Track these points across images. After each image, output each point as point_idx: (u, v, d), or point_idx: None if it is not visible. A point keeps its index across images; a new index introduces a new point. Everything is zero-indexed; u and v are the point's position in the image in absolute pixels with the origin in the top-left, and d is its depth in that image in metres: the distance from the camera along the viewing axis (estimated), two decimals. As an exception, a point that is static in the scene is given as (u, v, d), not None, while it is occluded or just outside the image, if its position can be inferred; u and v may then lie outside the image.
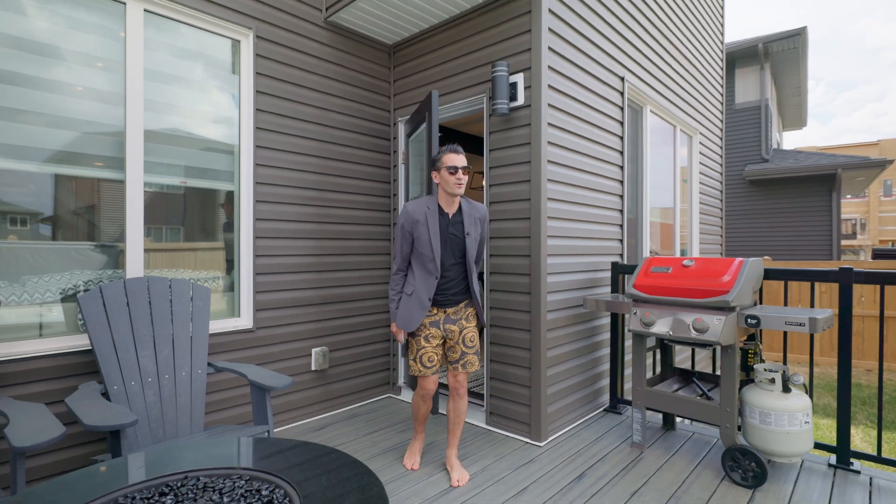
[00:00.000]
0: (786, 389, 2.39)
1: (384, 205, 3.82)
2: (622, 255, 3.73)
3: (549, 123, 2.93)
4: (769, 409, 2.35)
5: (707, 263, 2.57)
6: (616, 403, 3.41)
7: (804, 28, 10.04)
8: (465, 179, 2.31)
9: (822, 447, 2.61)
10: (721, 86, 6.24)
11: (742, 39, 10.79)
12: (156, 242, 2.71)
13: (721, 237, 6.33)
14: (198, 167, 2.85)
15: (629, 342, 3.75)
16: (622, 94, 3.72)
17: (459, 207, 2.41)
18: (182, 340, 2.41)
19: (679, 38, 4.84)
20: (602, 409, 3.46)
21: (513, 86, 2.94)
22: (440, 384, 3.73)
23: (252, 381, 2.21)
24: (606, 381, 3.57)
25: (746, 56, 10.91)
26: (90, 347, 2.39)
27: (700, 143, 5.48)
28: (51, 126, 2.33)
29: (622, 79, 3.72)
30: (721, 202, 6.30)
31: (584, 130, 3.28)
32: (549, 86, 2.93)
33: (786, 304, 2.75)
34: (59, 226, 2.39)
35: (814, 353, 7.05)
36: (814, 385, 6.28)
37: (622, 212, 3.74)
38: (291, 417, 3.20)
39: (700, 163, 5.51)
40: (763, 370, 2.46)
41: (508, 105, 2.94)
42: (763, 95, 10.75)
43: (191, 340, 2.43)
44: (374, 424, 3.19)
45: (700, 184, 5.53)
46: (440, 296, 2.39)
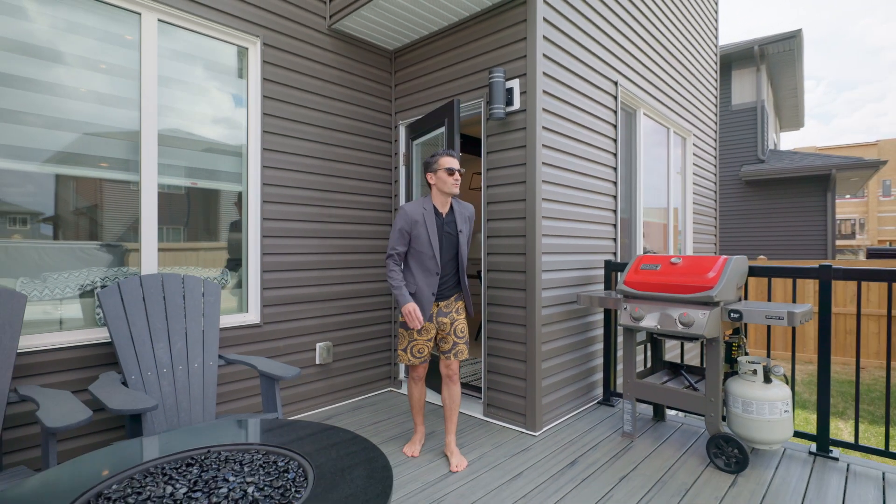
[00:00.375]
0: (767, 380, 2.52)
1: (385, 205, 3.95)
2: (615, 254, 3.86)
3: (544, 127, 3.06)
4: (751, 399, 2.48)
5: (693, 261, 2.70)
6: (609, 396, 3.54)
7: (799, 30, 10.17)
8: (459, 180, 2.52)
9: (804, 436, 2.74)
10: (715, 88, 6.37)
11: (738, 42, 10.91)
12: (171, 242, 2.84)
13: (715, 236, 6.46)
14: (207, 169, 2.98)
15: (622, 337, 3.88)
16: (615, 98, 3.85)
17: (451, 207, 2.61)
18: (195, 334, 2.54)
19: (673, 43, 4.97)
20: (596, 402, 3.59)
21: (509, 91, 3.07)
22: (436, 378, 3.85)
23: (262, 372, 2.34)
24: (600, 375, 3.70)
25: (743, 58, 11.04)
26: (107, 340, 2.53)
27: (694, 145, 5.61)
28: (73, 131, 2.46)
29: (615, 83, 3.85)
30: (715, 202, 6.43)
31: (578, 133, 3.41)
32: (544, 91, 3.06)
33: (769, 300, 2.87)
34: (78, 226, 2.53)
35: (801, 352, 7.19)
36: (801, 381, 6.43)
37: (615, 212, 3.86)
38: (298, 409, 3.33)
39: (694, 164, 5.64)
40: (746, 362, 2.59)
41: (505, 109, 3.07)
42: (759, 97, 10.88)
43: (203, 334, 2.56)
44: (377, 416, 3.33)
45: (694, 184, 5.66)
46: (437, 290, 2.54)
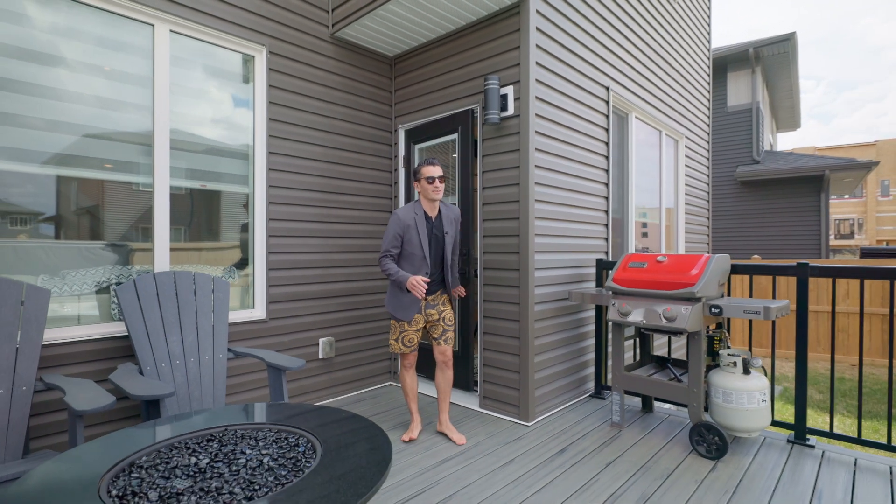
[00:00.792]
0: (746, 371, 2.67)
1: (385, 206, 4.10)
2: (607, 253, 4.01)
3: (537, 132, 3.21)
4: (731, 389, 2.63)
5: (678, 259, 2.85)
6: (600, 389, 3.69)
7: (793, 33, 10.32)
8: (442, 186, 2.75)
9: (783, 425, 2.89)
10: (708, 91, 6.51)
11: (733, 44, 11.06)
12: (182, 242, 2.99)
13: (707, 236, 6.61)
14: (216, 172, 3.13)
15: (611, 332, 4.02)
16: (607, 103, 4.00)
17: (439, 211, 2.84)
18: (205, 328, 2.69)
19: (665, 48, 5.12)
20: (587, 395, 3.74)
21: (503, 97, 3.21)
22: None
23: (269, 363, 2.49)
24: (592, 370, 3.85)
25: (738, 60, 11.19)
26: (123, 333, 2.68)
27: (686, 147, 5.76)
28: (94, 137, 2.61)
29: (607, 88, 4.00)
30: (708, 203, 6.57)
31: (571, 137, 3.56)
32: (537, 97, 3.21)
33: (751, 297, 3.02)
34: (94, 226, 2.68)
35: (791, 349, 7.33)
36: (791, 377, 6.58)
37: (607, 212, 4.01)
38: (302, 401, 3.48)
39: (686, 165, 5.79)
40: (726, 355, 2.74)
41: (499, 115, 3.22)
42: (754, 98, 11.03)
43: (213, 328, 2.71)
44: (377, 408, 3.48)
45: (686, 185, 5.81)
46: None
